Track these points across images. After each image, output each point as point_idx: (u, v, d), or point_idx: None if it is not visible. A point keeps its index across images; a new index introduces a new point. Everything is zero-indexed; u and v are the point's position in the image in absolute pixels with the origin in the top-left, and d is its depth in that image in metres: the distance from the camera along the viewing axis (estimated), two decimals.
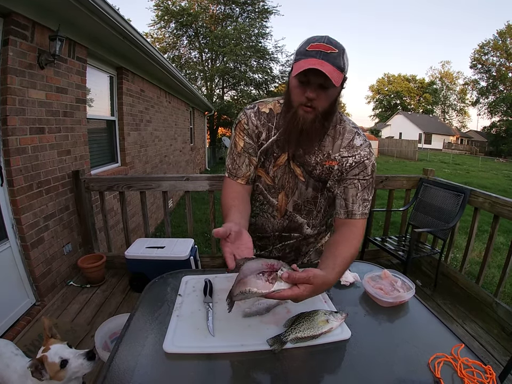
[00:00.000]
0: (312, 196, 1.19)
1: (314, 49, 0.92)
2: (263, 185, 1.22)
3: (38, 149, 2.50)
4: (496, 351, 2.02)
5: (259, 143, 1.17)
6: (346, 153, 1.10)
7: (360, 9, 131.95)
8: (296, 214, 1.23)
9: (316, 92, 0.95)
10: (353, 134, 1.11)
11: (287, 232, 1.29)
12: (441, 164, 20.43)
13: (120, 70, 4.26)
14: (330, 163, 1.11)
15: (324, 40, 0.93)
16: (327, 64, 0.90)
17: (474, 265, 4.10)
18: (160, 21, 19.06)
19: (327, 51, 0.91)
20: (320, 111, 0.99)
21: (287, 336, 0.87)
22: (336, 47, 0.93)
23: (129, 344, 0.89)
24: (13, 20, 2.18)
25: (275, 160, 1.16)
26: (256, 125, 1.16)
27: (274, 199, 1.22)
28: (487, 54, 37.16)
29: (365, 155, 1.10)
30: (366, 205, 1.11)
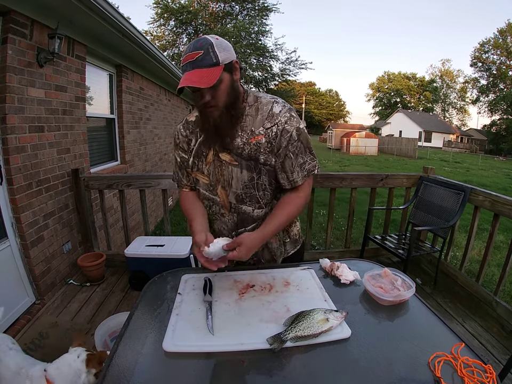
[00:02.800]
0: (248, 178, 1.20)
1: (185, 62, 1.02)
2: (202, 187, 1.29)
3: (37, 148, 2.49)
4: (496, 350, 2.02)
5: (191, 149, 1.27)
6: (269, 123, 1.16)
7: (360, 7, 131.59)
8: (240, 205, 1.25)
9: (207, 94, 1.05)
10: (271, 104, 1.17)
11: (241, 227, 1.29)
12: (441, 162, 20.42)
13: (119, 68, 4.25)
14: (256, 138, 1.16)
15: (190, 49, 1.03)
16: (196, 72, 1.00)
17: (474, 263, 4.11)
18: (160, 19, 19.00)
19: (193, 58, 1.01)
20: (221, 105, 1.09)
21: (287, 335, 0.87)
22: (202, 47, 1.01)
23: (129, 343, 0.89)
24: (12, 18, 2.17)
25: (205, 159, 1.24)
26: (185, 135, 1.28)
27: (215, 196, 1.27)
28: (487, 52, 37.11)
29: (285, 121, 1.15)
30: (304, 167, 1.20)
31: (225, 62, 1.04)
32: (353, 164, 18.32)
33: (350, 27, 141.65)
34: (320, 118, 59.93)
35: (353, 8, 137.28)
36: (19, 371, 1.26)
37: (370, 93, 54.53)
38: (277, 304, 1.05)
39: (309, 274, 1.24)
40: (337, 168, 16.09)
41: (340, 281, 1.20)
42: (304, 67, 20.61)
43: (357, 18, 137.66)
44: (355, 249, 3.36)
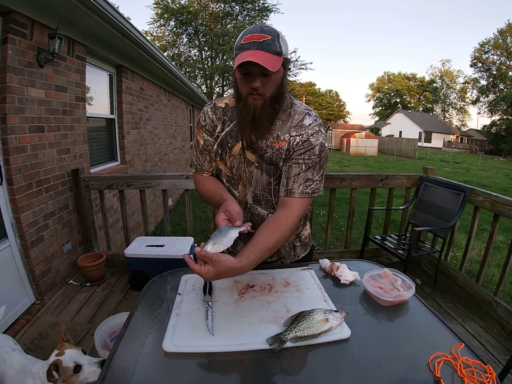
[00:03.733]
0: (266, 182, 1.19)
1: (248, 41, 0.97)
2: (225, 178, 1.25)
3: (37, 148, 2.49)
4: (496, 350, 2.02)
5: (215, 136, 1.21)
6: (295, 132, 1.12)
7: (360, 7, 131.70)
8: (256, 205, 1.24)
9: (259, 81, 0.99)
10: (303, 115, 1.14)
11: (252, 228, 1.23)
12: (441, 163, 20.42)
13: (119, 68, 4.25)
14: (280, 144, 1.13)
15: (256, 30, 0.98)
16: (261, 53, 0.95)
17: (474, 264, 4.11)
18: (160, 19, 19.04)
19: (260, 40, 0.96)
20: (268, 96, 1.04)
21: (286, 335, 0.87)
22: (270, 33, 0.97)
23: (128, 343, 0.89)
24: (12, 18, 2.17)
25: (230, 151, 1.19)
26: (212, 119, 1.21)
27: (236, 190, 1.24)
28: (487, 52, 37.13)
29: (312, 134, 1.11)
30: (308, 185, 1.11)
31: (285, 56, 1.01)
32: (353, 164, 18.33)
33: (350, 27, 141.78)
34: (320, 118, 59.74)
35: (353, 9, 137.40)
36: (23, 369, 1.27)
37: (370, 93, 54.52)
38: (277, 304, 1.05)
39: (308, 274, 1.24)
40: (337, 168, 16.10)
41: (340, 282, 1.20)
42: (304, 67, 20.66)
43: (357, 19, 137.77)
44: (355, 249, 3.36)
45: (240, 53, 0.97)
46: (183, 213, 6.34)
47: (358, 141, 26.72)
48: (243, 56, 0.95)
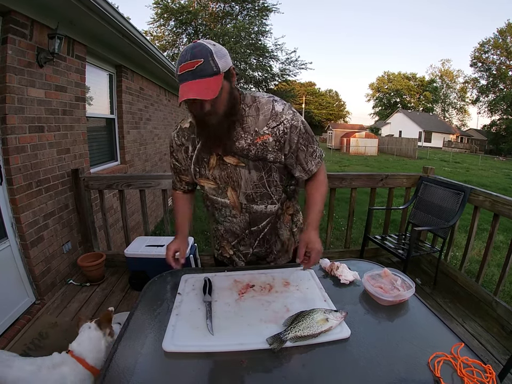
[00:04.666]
0: (257, 178, 1.21)
1: (183, 71, 0.97)
2: (209, 192, 1.29)
3: (37, 148, 2.49)
4: (495, 350, 2.02)
5: (189, 156, 1.26)
6: (273, 122, 1.15)
7: (360, 7, 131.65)
8: (251, 204, 1.25)
9: (207, 104, 1.02)
10: (271, 103, 1.17)
11: (253, 225, 1.30)
12: (441, 162, 20.42)
13: (119, 68, 4.25)
14: (262, 138, 1.16)
15: (187, 57, 0.97)
16: (197, 82, 0.96)
17: (474, 263, 4.10)
18: (160, 19, 18.98)
19: (193, 67, 0.96)
20: (221, 113, 1.07)
21: (286, 335, 0.87)
22: (201, 55, 0.97)
23: (128, 343, 0.89)
24: (12, 18, 2.17)
25: (207, 164, 1.23)
26: (181, 143, 1.27)
27: (225, 198, 1.26)
28: (487, 52, 37.10)
29: (291, 118, 1.16)
30: (315, 155, 1.25)
31: (224, 70, 1.01)
32: (353, 164, 18.33)
33: (350, 27, 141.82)
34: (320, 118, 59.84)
35: (353, 8, 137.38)
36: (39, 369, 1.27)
37: (370, 93, 54.52)
38: (277, 304, 1.05)
39: (308, 274, 1.24)
40: (337, 168, 16.09)
41: (340, 281, 1.20)
42: (304, 67, 20.58)
43: (357, 19, 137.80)
44: (355, 249, 3.36)
45: (180, 84, 0.98)
46: None
47: (358, 140, 26.72)
48: (182, 90, 0.97)
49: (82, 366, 1.28)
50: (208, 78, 0.97)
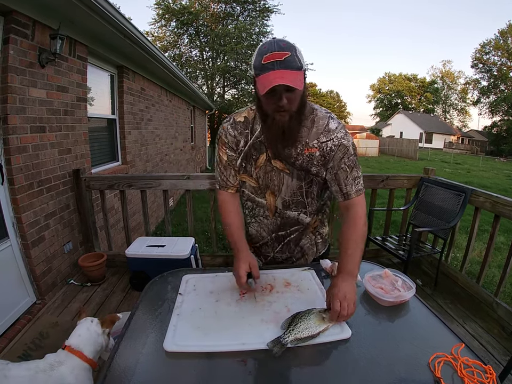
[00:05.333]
0: (297, 186, 1.22)
1: (269, 60, 0.96)
2: (249, 189, 1.29)
3: (38, 148, 2.50)
4: (496, 351, 2.01)
5: (239, 150, 1.24)
6: (324, 138, 1.16)
7: (361, 8, 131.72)
8: (286, 210, 1.27)
9: (284, 98, 1.00)
10: (326, 119, 1.17)
11: (282, 230, 1.32)
12: (442, 163, 20.40)
13: (120, 69, 4.26)
14: (310, 150, 1.16)
15: (274, 47, 0.96)
16: (286, 72, 0.95)
17: (475, 264, 4.10)
18: (161, 20, 19.01)
19: (282, 58, 0.95)
20: (294, 110, 1.06)
21: (286, 338, 0.86)
22: (289, 49, 0.97)
23: (129, 343, 0.89)
24: (14, 18, 2.17)
25: (255, 162, 1.23)
26: (234, 136, 1.24)
27: (262, 199, 1.28)
28: (488, 53, 37.05)
29: (341, 136, 1.15)
30: (357, 182, 1.19)
31: (304, 69, 1.02)
32: None
33: (351, 28, 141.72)
34: None
35: (354, 9, 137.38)
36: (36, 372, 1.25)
37: (371, 94, 54.44)
38: (278, 304, 1.05)
39: (309, 275, 1.24)
40: None
41: None
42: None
43: (358, 19, 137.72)
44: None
45: (264, 74, 0.97)
46: (184, 213, 6.33)
47: (359, 141, 26.71)
48: (269, 78, 0.95)
49: (80, 359, 1.26)
50: (295, 71, 0.97)
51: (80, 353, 1.27)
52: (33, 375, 1.24)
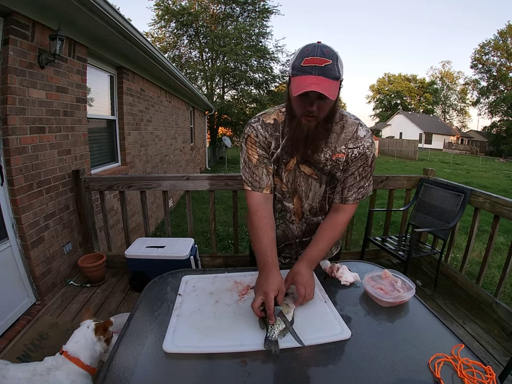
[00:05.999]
0: (323, 192, 1.24)
1: (309, 64, 0.95)
2: (279, 192, 1.28)
3: (38, 148, 2.50)
4: (496, 352, 2.01)
5: (270, 153, 1.22)
6: (351, 144, 1.16)
7: (360, 9, 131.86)
8: (312, 217, 1.29)
9: (315, 104, 1.00)
10: (356, 126, 1.17)
11: (307, 236, 1.33)
12: (442, 164, 20.42)
13: (120, 70, 4.26)
14: (337, 156, 1.17)
15: (317, 52, 0.95)
16: (323, 80, 0.94)
17: (475, 265, 4.10)
18: (161, 21, 19.03)
19: (322, 64, 0.95)
20: (322, 117, 1.06)
21: (273, 334, 0.89)
22: (330, 57, 0.96)
23: (129, 344, 0.89)
24: (13, 19, 2.18)
25: (285, 166, 1.22)
26: (265, 136, 1.20)
27: (290, 203, 1.28)
28: (487, 54, 37.11)
29: (367, 146, 1.16)
30: (360, 191, 1.21)
31: (341, 79, 1.01)
32: None
33: (350, 29, 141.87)
34: None
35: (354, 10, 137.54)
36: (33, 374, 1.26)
37: (371, 94, 54.50)
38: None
39: None
40: None
41: (340, 283, 1.20)
42: None
43: (357, 20, 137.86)
44: (355, 251, 3.36)
45: (301, 76, 0.96)
46: (184, 214, 6.35)
47: None
48: (305, 82, 0.95)
49: (78, 366, 1.27)
50: (332, 81, 0.96)
51: (77, 359, 1.28)
52: (30, 377, 1.25)
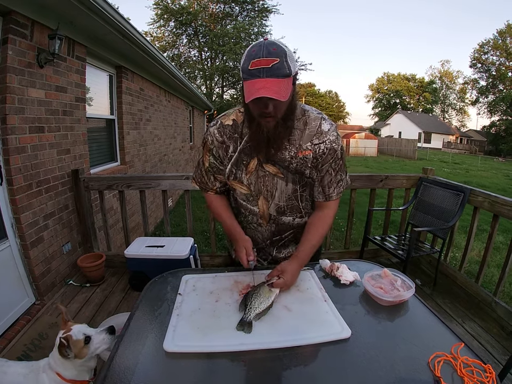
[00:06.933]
0: (292, 190, 1.21)
1: (256, 67, 0.92)
2: (240, 196, 1.26)
3: (37, 148, 2.49)
4: (495, 350, 2.02)
5: (228, 156, 1.20)
6: (317, 140, 1.15)
7: (359, 8, 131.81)
8: (280, 216, 1.26)
9: (270, 105, 0.98)
10: (319, 120, 1.16)
11: (277, 235, 1.32)
12: (441, 163, 20.44)
13: (119, 69, 4.25)
14: (304, 153, 1.15)
15: (262, 53, 0.92)
16: (272, 81, 0.92)
17: (474, 264, 4.11)
18: (160, 20, 19.04)
19: (269, 65, 0.92)
20: (280, 116, 1.04)
21: (248, 316, 0.95)
22: (277, 55, 0.93)
23: (129, 343, 0.89)
24: (12, 18, 2.17)
25: (246, 168, 1.19)
26: (221, 141, 1.19)
27: (255, 207, 1.25)
28: (487, 53, 37.17)
29: (333, 140, 1.15)
30: (340, 185, 1.23)
31: (294, 74, 0.99)
32: (352, 164, 18.33)
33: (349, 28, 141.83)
34: None
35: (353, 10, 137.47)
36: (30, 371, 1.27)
37: (370, 94, 54.43)
38: (277, 304, 1.05)
39: (308, 274, 1.25)
40: None
41: (340, 282, 1.20)
42: (304, 68, 20.65)
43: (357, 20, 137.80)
44: (354, 250, 3.36)
45: (250, 80, 0.94)
46: (183, 214, 6.34)
47: (357, 141, 26.73)
48: (254, 87, 0.93)
49: (61, 379, 1.25)
50: (282, 79, 0.94)
51: (59, 374, 1.26)
52: (27, 374, 1.28)
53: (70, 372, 1.26)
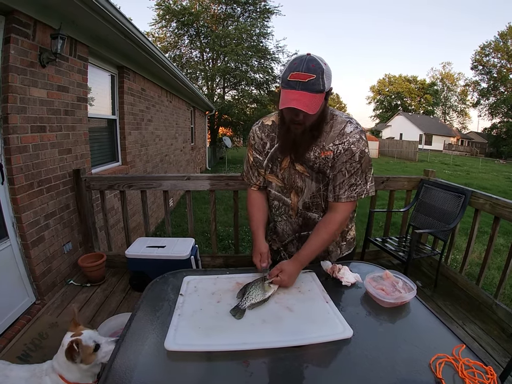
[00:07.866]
0: (316, 189, 1.28)
1: (294, 79, 1.03)
2: (275, 189, 1.37)
3: (39, 148, 2.49)
4: (496, 353, 2.01)
5: (265, 152, 1.33)
6: (338, 141, 1.20)
7: (361, 10, 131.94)
8: (307, 212, 1.34)
9: (301, 115, 1.09)
10: (344, 123, 1.21)
11: (304, 230, 1.38)
12: (442, 165, 20.41)
13: (121, 69, 4.26)
14: (326, 153, 1.21)
15: (302, 67, 1.03)
16: (305, 95, 1.02)
17: (475, 266, 4.10)
18: (162, 20, 19.02)
19: (305, 80, 1.02)
20: (308, 125, 1.14)
21: (243, 304, 1.01)
22: (315, 71, 1.03)
23: (130, 343, 0.89)
24: (15, 18, 2.18)
25: (280, 164, 1.31)
26: (261, 138, 1.34)
27: (288, 198, 1.35)
28: (488, 55, 37.11)
29: (353, 142, 1.19)
30: (353, 189, 1.24)
31: (326, 90, 1.08)
32: None
33: (351, 30, 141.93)
34: None
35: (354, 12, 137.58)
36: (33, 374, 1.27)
37: (371, 95, 54.46)
38: (279, 305, 1.05)
39: (310, 276, 1.25)
40: None
41: (341, 283, 1.20)
42: None
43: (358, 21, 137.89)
44: (356, 251, 3.35)
45: (286, 90, 1.04)
46: (184, 214, 6.34)
47: None
48: (288, 97, 1.03)
49: (64, 382, 1.26)
50: (314, 94, 1.04)
51: (62, 377, 1.26)
52: (29, 377, 1.27)
53: (73, 375, 1.26)
